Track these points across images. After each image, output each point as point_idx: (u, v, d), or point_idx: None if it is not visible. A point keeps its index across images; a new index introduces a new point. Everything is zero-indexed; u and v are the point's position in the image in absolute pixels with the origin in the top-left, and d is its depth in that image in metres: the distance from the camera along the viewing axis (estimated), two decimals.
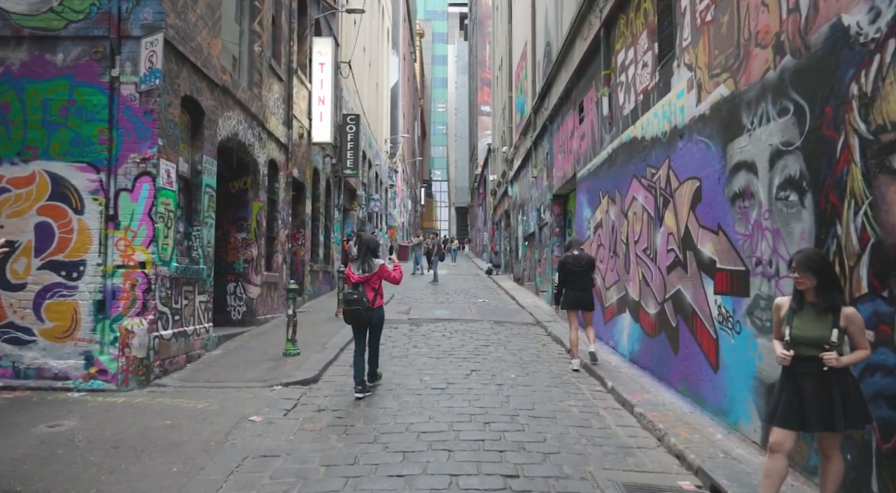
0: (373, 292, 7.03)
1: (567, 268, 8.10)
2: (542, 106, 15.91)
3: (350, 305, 6.98)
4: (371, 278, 7.07)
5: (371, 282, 7.09)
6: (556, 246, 14.54)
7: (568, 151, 12.61)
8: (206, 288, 8.59)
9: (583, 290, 8.06)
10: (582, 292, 8.06)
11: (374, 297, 7.02)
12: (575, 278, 8.06)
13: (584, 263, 8.09)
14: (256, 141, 10.81)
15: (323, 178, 16.67)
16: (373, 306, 7.00)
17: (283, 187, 12.62)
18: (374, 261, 7.08)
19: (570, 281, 8.08)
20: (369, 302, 6.95)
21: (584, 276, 8.09)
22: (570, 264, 8.09)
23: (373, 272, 7.05)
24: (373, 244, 7.21)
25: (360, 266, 7.12)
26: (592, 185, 10.41)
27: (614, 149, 9.01)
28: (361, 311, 6.91)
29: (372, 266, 7.06)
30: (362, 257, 7.14)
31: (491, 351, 9.10)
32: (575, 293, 8.06)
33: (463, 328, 11.15)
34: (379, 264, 7.08)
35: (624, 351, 8.52)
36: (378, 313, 7.10)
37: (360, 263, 7.15)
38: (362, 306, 6.91)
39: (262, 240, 11.26)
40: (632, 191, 8.17)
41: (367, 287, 7.04)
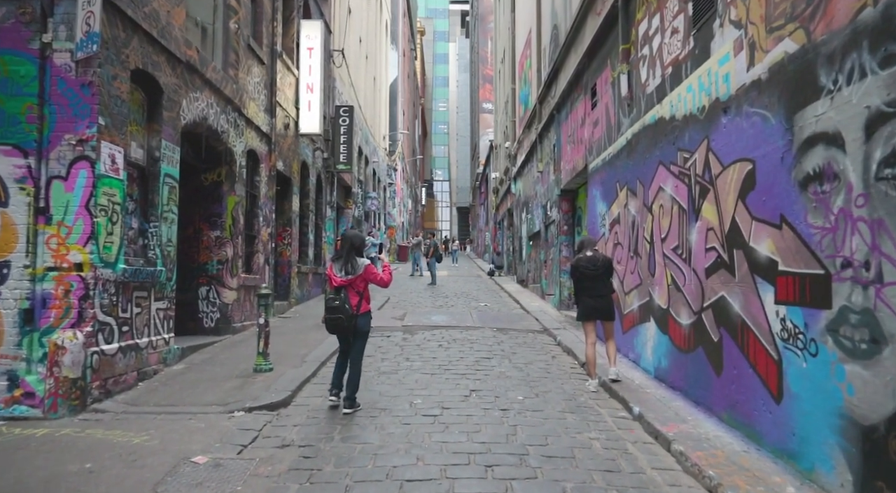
0: (357, 297, 6.00)
1: (580, 272, 6.96)
2: (548, 95, 14.76)
3: (331, 312, 5.97)
4: (355, 280, 6.02)
5: (355, 285, 6.04)
6: (564, 245, 13.39)
7: (578, 142, 11.47)
8: (165, 293, 7.46)
9: (600, 296, 6.92)
10: (599, 298, 6.92)
11: (358, 302, 6.00)
12: (590, 282, 6.93)
13: (599, 265, 6.95)
14: (231, 128, 9.69)
15: (313, 173, 15.54)
16: (357, 312, 5.98)
17: (265, 181, 11.49)
18: (358, 261, 6.02)
19: (585, 287, 6.95)
20: (353, 308, 5.95)
21: (601, 280, 6.96)
22: (583, 267, 6.95)
23: (357, 274, 5.99)
24: (357, 242, 6.12)
25: (342, 267, 6.06)
26: (608, 176, 9.27)
27: (635, 134, 7.87)
28: (343, 319, 5.91)
29: (356, 267, 6.00)
30: (345, 257, 6.08)
31: (493, 365, 7.96)
32: (591, 301, 6.92)
33: (462, 337, 10.01)
34: (364, 265, 6.02)
35: (648, 366, 7.37)
36: (363, 321, 6.04)
37: (342, 263, 6.09)
38: (344, 313, 5.90)
39: (240, 239, 10.13)
40: (658, 180, 7.03)
41: (350, 291, 6.02)
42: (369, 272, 6.07)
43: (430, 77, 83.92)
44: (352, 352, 6.12)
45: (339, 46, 18.10)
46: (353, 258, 6.04)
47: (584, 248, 7.14)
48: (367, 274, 6.06)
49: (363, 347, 6.15)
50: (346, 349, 6.18)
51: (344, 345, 6.24)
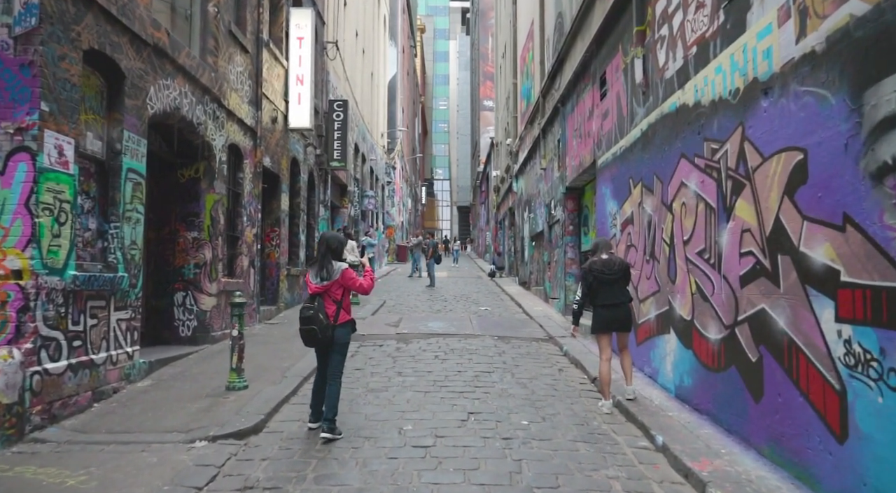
0: (334, 306, 5.33)
1: (595, 277, 6.18)
2: (552, 87, 13.99)
3: (303, 322, 5.30)
4: (331, 286, 5.33)
5: (331, 292, 5.35)
6: (570, 247, 12.62)
7: (585, 136, 10.70)
8: (129, 301, 6.69)
9: (617, 305, 6.15)
10: (616, 308, 6.15)
11: (335, 311, 5.32)
12: (606, 289, 6.16)
13: (616, 269, 6.18)
14: (210, 120, 8.91)
15: (304, 170, 14.77)
16: (334, 322, 5.29)
17: (249, 178, 10.72)
18: (334, 265, 5.32)
19: (600, 293, 6.17)
20: (329, 318, 5.27)
21: (618, 286, 6.19)
22: (598, 272, 6.18)
23: (332, 280, 5.29)
24: (334, 244, 5.40)
25: (317, 273, 5.35)
26: (619, 172, 8.49)
27: (651, 124, 7.10)
28: (317, 330, 5.23)
29: (331, 272, 5.31)
30: (320, 260, 5.37)
31: (495, 381, 7.18)
32: (607, 311, 6.15)
33: (461, 347, 9.24)
34: (340, 270, 5.31)
35: (667, 383, 6.59)
36: (341, 333, 5.34)
37: (317, 267, 5.36)
38: (318, 323, 5.23)
39: (220, 240, 9.36)
40: (679, 175, 6.25)
41: (326, 299, 5.34)
42: (346, 278, 5.33)
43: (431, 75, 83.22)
44: (329, 367, 5.40)
45: (333, 38, 17.33)
46: (329, 262, 5.32)
47: (598, 250, 6.36)
48: (345, 280, 5.33)
49: (341, 361, 5.42)
50: (325, 368, 5.45)
51: (322, 361, 5.51)
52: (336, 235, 5.56)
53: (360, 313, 12.78)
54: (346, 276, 5.33)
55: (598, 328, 6.21)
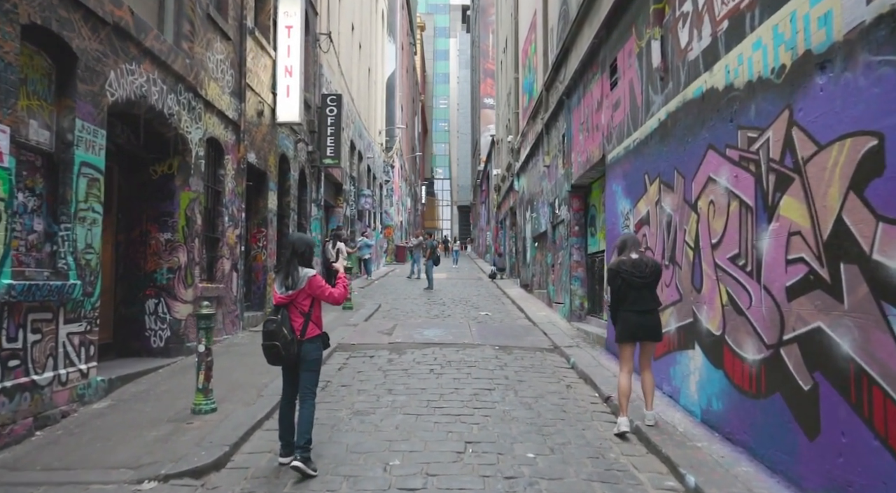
0: (301, 318, 4.63)
1: (623, 279, 5.41)
2: (556, 79, 13.22)
3: (265, 337, 4.60)
4: (297, 296, 4.63)
5: (298, 303, 4.65)
6: (575, 248, 11.85)
7: (592, 129, 9.93)
8: (83, 312, 5.93)
9: (646, 312, 5.38)
10: (645, 314, 5.38)
11: (302, 325, 4.62)
12: (635, 293, 5.38)
13: (648, 271, 5.40)
14: (184, 111, 8.15)
15: (295, 167, 14.00)
16: (301, 337, 4.60)
17: (231, 175, 9.96)
18: (300, 272, 4.62)
19: (628, 298, 5.39)
20: (296, 333, 4.59)
21: (648, 290, 5.42)
22: (627, 274, 5.40)
23: (298, 288, 4.59)
24: (301, 247, 4.73)
25: (282, 280, 4.66)
26: (633, 167, 7.73)
27: (671, 113, 6.34)
28: (280, 347, 4.54)
29: (297, 279, 4.61)
30: (285, 267, 4.68)
31: (496, 400, 6.42)
32: (634, 317, 5.37)
33: (459, 358, 8.47)
34: (307, 277, 4.61)
35: (691, 405, 5.82)
36: (309, 349, 4.64)
37: (282, 275, 4.68)
38: (281, 339, 4.53)
39: (197, 242, 8.59)
40: (706, 169, 5.49)
41: (292, 310, 4.64)
42: (314, 286, 4.63)
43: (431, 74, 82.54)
44: (300, 388, 4.70)
45: (327, 30, 16.57)
46: (294, 269, 4.62)
47: (626, 248, 5.56)
48: (312, 288, 4.63)
49: (313, 381, 4.72)
50: (293, 391, 4.75)
51: (289, 383, 4.80)
52: (304, 238, 4.82)
53: (354, 318, 12.03)
54: (314, 284, 4.62)
55: (622, 337, 5.45)
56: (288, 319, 4.61)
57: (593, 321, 11.03)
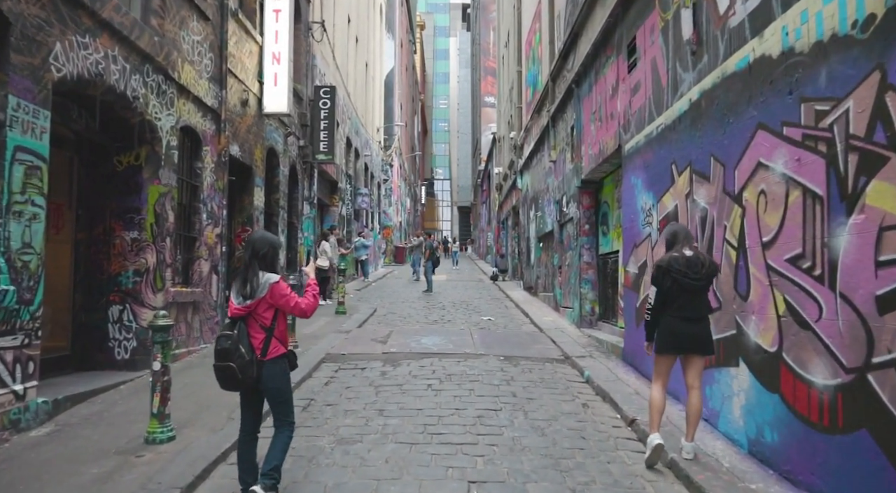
0: (262, 333, 3.78)
1: (673, 279, 4.51)
2: (563, 67, 12.36)
3: (218, 357, 3.72)
4: (257, 306, 3.77)
5: (258, 315, 3.79)
6: (585, 249, 10.98)
7: (606, 118, 9.07)
8: (20, 323, 5.05)
9: (695, 319, 4.51)
10: (694, 323, 4.50)
11: (264, 342, 3.77)
12: (684, 297, 4.49)
13: (703, 273, 4.50)
14: (153, 95, 7.28)
15: (284, 162, 13.13)
16: (262, 357, 3.75)
17: (210, 168, 9.08)
18: (261, 278, 3.77)
19: (676, 302, 4.51)
20: (255, 351, 3.73)
21: (700, 295, 4.55)
22: (678, 273, 4.49)
23: (258, 297, 3.74)
24: (262, 248, 3.88)
25: (239, 288, 3.80)
26: (657, 157, 6.85)
27: (706, 91, 5.47)
28: (236, 370, 3.67)
29: (256, 287, 3.75)
30: (243, 272, 3.83)
31: (503, 424, 5.54)
32: (681, 324, 4.49)
33: (460, 371, 7.60)
34: (268, 284, 3.75)
35: (734, 432, 4.94)
36: (272, 373, 3.79)
37: (239, 281, 3.82)
38: (237, 359, 3.67)
39: (169, 241, 7.72)
40: (754, 153, 4.62)
41: (251, 324, 3.78)
42: (277, 295, 3.77)
43: (431, 73, 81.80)
44: (273, 419, 3.89)
45: (320, 18, 15.70)
46: (253, 274, 3.76)
47: (678, 242, 4.64)
48: (275, 297, 3.77)
49: (285, 411, 3.88)
50: (253, 421, 3.91)
51: (248, 412, 3.95)
52: (266, 237, 3.95)
53: (346, 324, 11.16)
54: (277, 292, 3.76)
55: (664, 347, 4.57)
56: (246, 334, 3.75)
57: (606, 328, 10.16)
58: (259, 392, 3.85)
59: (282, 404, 3.87)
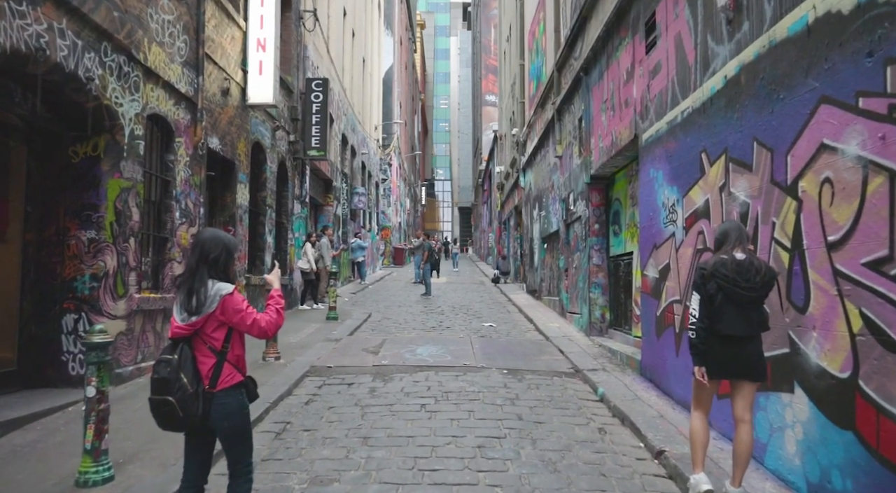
0: (211, 358, 2.97)
1: (720, 287, 3.68)
2: (570, 56, 11.54)
3: (154, 389, 2.90)
4: (205, 324, 2.98)
5: (206, 335, 2.99)
6: (595, 250, 10.15)
7: (620, 106, 8.24)
8: None
9: (745, 339, 3.69)
10: (743, 343, 3.69)
11: (213, 369, 2.96)
12: (734, 310, 3.67)
13: (758, 281, 3.66)
14: (112, 77, 6.46)
15: (273, 158, 12.30)
16: (211, 388, 2.93)
17: (184, 161, 8.26)
18: (209, 288, 2.98)
19: (725, 316, 3.68)
20: (203, 381, 2.93)
21: (754, 308, 3.72)
22: (726, 280, 3.66)
23: (206, 313, 2.95)
24: (213, 249, 3.09)
25: (183, 301, 2.99)
26: (681, 145, 6.02)
27: (747, 65, 4.64)
28: (175, 406, 2.86)
29: (203, 300, 2.95)
30: (188, 280, 3.03)
31: (508, 456, 4.71)
32: (728, 344, 3.68)
33: (458, 387, 6.77)
34: (219, 296, 2.96)
35: (788, 472, 4.10)
36: (223, 409, 2.98)
37: (183, 292, 3.01)
38: (178, 392, 2.86)
39: (133, 242, 6.90)
40: (815, 133, 3.79)
41: (198, 346, 2.98)
42: (229, 310, 2.97)
43: (431, 73, 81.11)
44: (228, 465, 3.11)
45: (312, 7, 14.88)
46: (201, 284, 2.95)
47: (728, 242, 3.80)
48: (227, 313, 2.97)
49: (241, 455, 3.09)
50: (198, 470, 3.10)
51: (191, 457, 3.11)
52: (218, 236, 3.13)
53: (337, 331, 10.34)
54: (229, 307, 2.96)
55: (714, 371, 3.75)
56: (191, 359, 2.94)
57: (618, 336, 9.33)
58: (209, 432, 3.03)
59: (237, 447, 3.06)
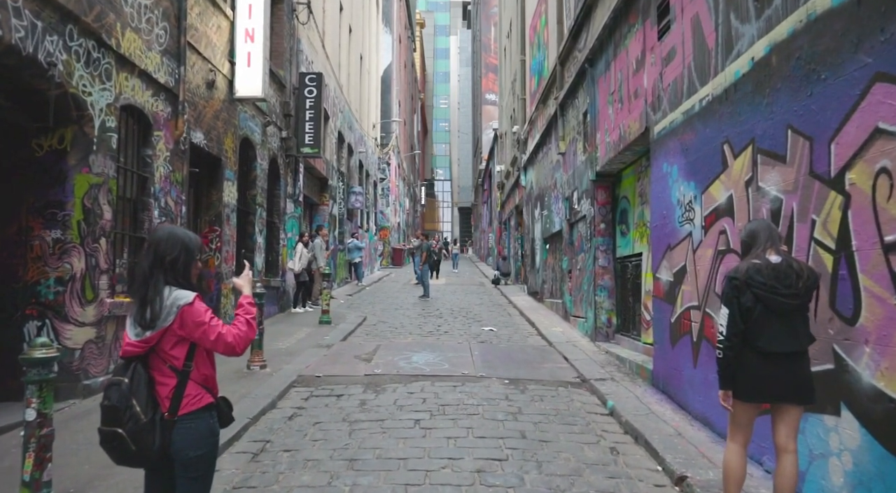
0: (171, 379, 2.44)
1: (758, 295, 3.16)
2: (574, 48, 11.02)
3: (104, 419, 2.37)
4: (162, 340, 2.45)
5: (164, 352, 2.45)
6: (601, 250, 9.63)
7: (629, 97, 7.72)
8: None
9: (791, 354, 3.18)
10: (790, 360, 3.18)
11: (173, 392, 2.42)
12: (776, 322, 3.16)
13: (800, 286, 3.16)
14: (79, 63, 5.94)
15: (263, 155, 11.79)
16: (171, 415, 2.40)
17: (164, 157, 7.74)
18: (165, 297, 2.47)
19: (764, 330, 3.16)
20: (161, 407, 2.41)
21: (798, 317, 3.21)
22: (762, 288, 3.16)
23: (160, 328, 2.43)
24: (168, 249, 2.58)
25: (136, 314, 2.45)
26: (700, 136, 5.50)
27: (780, 43, 4.12)
28: (126, 439, 2.33)
29: (158, 311, 2.42)
30: (140, 287, 2.50)
31: (511, 483, 4.18)
32: (772, 362, 3.17)
33: (456, 400, 6.25)
34: (177, 306, 2.44)
35: None
36: (185, 439, 2.46)
37: (136, 303, 2.47)
38: (130, 422, 2.33)
39: (104, 242, 6.38)
40: (867, 116, 3.26)
41: (156, 365, 2.46)
42: (189, 323, 2.46)
43: (431, 73, 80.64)
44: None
45: None
46: (155, 291, 2.44)
47: (757, 245, 3.28)
48: (186, 326, 2.46)
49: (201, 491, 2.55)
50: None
51: (156, 488, 2.58)
52: (175, 235, 2.62)
53: (329, 336, 9.82)
54: (189, 320, 2.45)
55: (746, 393, 3.25)
56: (145, 382, 2.42)
57: (625, 342, 8.81)
58: (172, 464, 2.50)
59: (197, 484, 2.53)
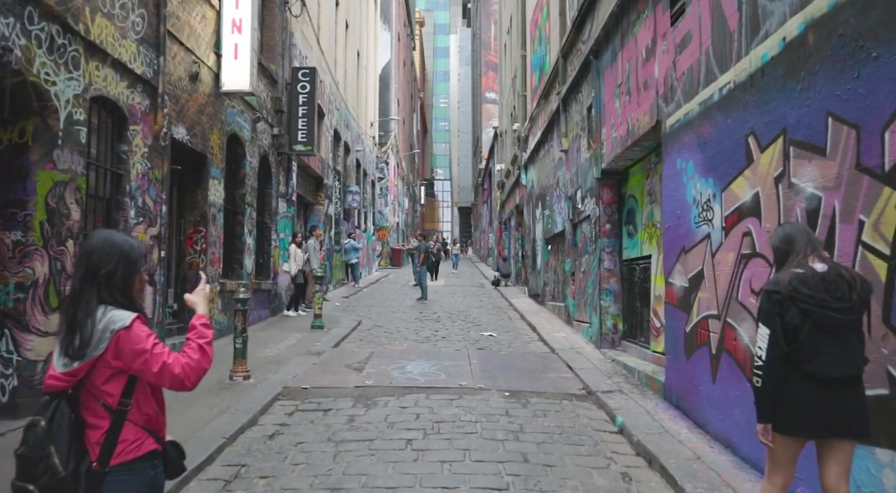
0: (103, 419, 1.90)
1: (806, 311, 2.65)
2: (577, 40, 10.53)
3: (19, 471, 1.89)
4: (94, 372, 1.90)
5: (94, 387, 1.90)
6: (606, 252, 9.13)
7: (637, 89, 7.23)
8: None
9: (845, 380, 2.66)
10: (843, 386, 2.66)
11: (105, 437, 1.87)
12: (826, 341, 2.65)
13: (855, 297, 2.65)
14: (41, 49, 5.45)
15: (253, 152, 11.29)
16: (101, 465, 1.84)
17: (142, 153, 7.25)
18: (99, 318, 1.92)
19: (816, 351, 2.65)
20: (90, 454, 1.86)
21: (853, 334, 2.70)
22: (808, 301, 2.65)
23: (90, 358, 1.87)
24: (104, 260, 2.03)
25: (63, 341, 1.91)
26: (720, 129, 5.00)
27: (819, 19, 3.63)
28: None
29: (88, 338, 1.87)
30: (70, 307, 1.97)
31: None
32: (822, 389, 2.65)
33: (452, 416, 5.75)
34: (111, 332, 1.89)
35: None
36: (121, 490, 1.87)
37: (64, 326, 1.94)
38: (43, 478, 1.81)
39: (72, 244, 5.89)
40: None
41: (85, 403, 1.92)
42: (126, 352, 1.94)
43: (431, 72, 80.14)
44: None
45: None
46: (87, 312, 1.92)
47: (795, 252, 2.79)
48: (123, 356, 1.93)
49: None
50: None
51: None
52: (113, 243, 2.10)
53: (321, 342, 9.33)
54: (126, 347, 1.94)
55: (789, 426, 2.75)
56: (68, 425, 1.92)
57: (633, 350, 8.32)
58: None
59: None
